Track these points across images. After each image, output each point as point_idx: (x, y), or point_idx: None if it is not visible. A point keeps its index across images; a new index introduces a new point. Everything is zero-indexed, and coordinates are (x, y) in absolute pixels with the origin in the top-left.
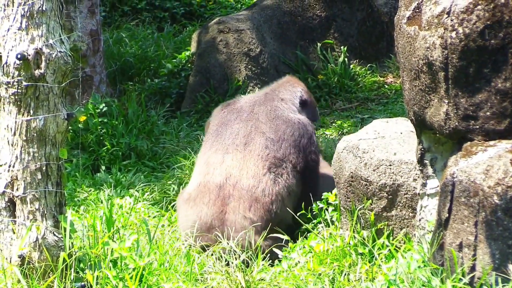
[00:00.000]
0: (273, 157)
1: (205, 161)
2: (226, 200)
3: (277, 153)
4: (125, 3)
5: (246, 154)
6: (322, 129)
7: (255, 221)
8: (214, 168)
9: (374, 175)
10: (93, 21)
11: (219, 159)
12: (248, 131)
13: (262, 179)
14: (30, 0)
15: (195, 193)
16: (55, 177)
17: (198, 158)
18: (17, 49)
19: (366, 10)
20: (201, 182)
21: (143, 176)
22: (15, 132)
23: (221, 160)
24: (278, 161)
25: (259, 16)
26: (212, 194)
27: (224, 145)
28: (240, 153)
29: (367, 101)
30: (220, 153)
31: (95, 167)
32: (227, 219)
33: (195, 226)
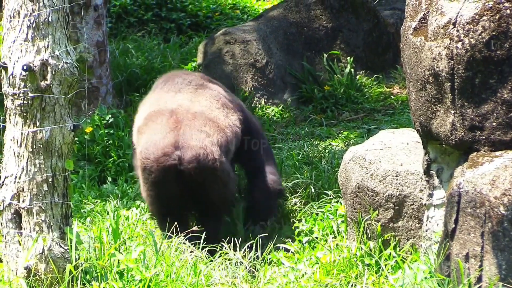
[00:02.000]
0: (225, 102)
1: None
2: (179, 119)
3: (229, 103)
4: (131, 14)
5: (198, 93)
6: (329, 140)
7: (210, 134)
8: (165, 101)
9: (381, 186)
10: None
11: (170, 96)
12: (200, 84)
13: (214, 110)
14: (36, 11)
15: (146, 120)
16: (61, 189)
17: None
18: (23, 60)
19: (372, 21)
20: (152, 111)
21: None
22: (21, 144)
23: (172, 96)
24: (229, 106)
25: (265, 27)
26: (165, 116)
27: (176, 87)
28: (191, 93)
29: (374, 111)
30: (171, 93)
31: (101, 179)
32: (183, 133)
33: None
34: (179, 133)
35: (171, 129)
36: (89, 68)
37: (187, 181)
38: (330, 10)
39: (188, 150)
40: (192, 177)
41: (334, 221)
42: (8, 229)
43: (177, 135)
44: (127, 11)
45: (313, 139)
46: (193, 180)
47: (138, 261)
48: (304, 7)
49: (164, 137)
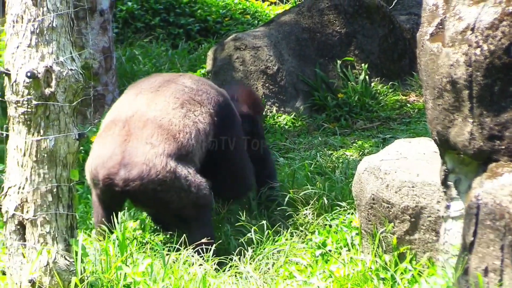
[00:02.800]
0: (189, 97)
1: (118, 103)
2: (131, 130)
3: (195, 97)
4: (138, 19)
5: (158, 93)
6: (343, 149)
7: (156, 145)
8: (123, 106)
9: (396, 197)
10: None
11: (130, 99)
12: (166, 80)
13: (170, 112)
14: (40, 16)
15: (102, 130)
16: (66, 199)
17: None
18: (27, 67)
19: (388, 27)
20: (109, 120)
21: None
22: (25, 153)
23: (132, 100)
24: (193, 102)
25: (276, 33)
26: (118, 127)
27: (138, 88)
28: (152, 93)
29: (389, 120)
30: (132, 95)
31: None
32: (129, 147)
33: (100, 161)
34: (126, 149)
35: (119, 144)
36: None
37: (138, 198)
38: (344, 15)
39: (133, 168)
40: (143, 194)
41: (348, 233)
42: (11, 241)
43: (124, 151)
44: (134, 16)
45: (326, 148)
46: (143, 195)
47: (146, 274)
48: (317, 12)
49: (111, 155)
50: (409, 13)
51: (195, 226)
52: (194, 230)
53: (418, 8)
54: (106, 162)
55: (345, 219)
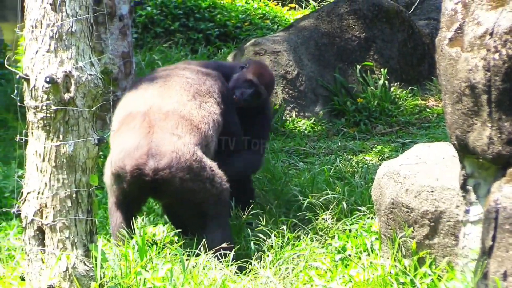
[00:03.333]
0: (196, 89)
1: (124, 102)
2: (152, 122)
3: (201, 87)
4: (158, 24)
5: (167, 87)
6: (362, 154)
7: (182, 136)
8: (134, 102)
9: (416, 201)
10: (124, 43)
11: (140, 95)
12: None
13: (186, 103)
14: (59, 21)
15: (119, 125)
16: (85, 205)
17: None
18: (46, 72)
19: (407, 31)
20: (124, 115)
21: None
22: (44, 158)
23: (141, 96)
24: (202, 92)
25: (296, 38)
26: (137, 120)
27: (144, 86)
28: (160, 88)
29: (408, 125)
30: (140, 93)
31: None
32: (155, 138)
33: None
34: (152, 139)
35: (144, 136)
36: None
37: (166, 188)
38: (363, 20)
39: (162, 157)
40: (171, 183)
41: (367, 238)
42: (30, 246)
43: (150, 141)
44: (154, 21)
45: (346, 153)
46: (172, 184)
47: (165, 280)
48: (336, 17)
49: (137, 147)
50: (428, 18)
51: (214, 224)
52: (213, 228)
53: (437, 13)
54: (133, 153)
55: (364, 223)
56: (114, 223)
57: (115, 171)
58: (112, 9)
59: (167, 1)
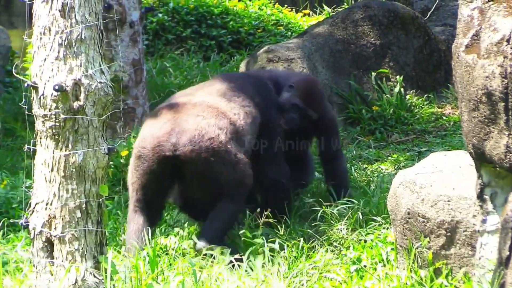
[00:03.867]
0: (227, 87)
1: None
2: (180, 110)
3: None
4: (169, 31)
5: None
6: (377, 163)
7: (207, 117)
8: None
9: (432, 211)
10: (135, 50)
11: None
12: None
13: (216, 98)
14: (68, 28)
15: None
16: (95, 215)
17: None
18: (55, 80)
19: (423, 38)
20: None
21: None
22: (52, 168)
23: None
24: (234, 90)
25: (310, 44)
26: (165, 110)
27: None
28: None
29: (425, 133)
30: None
31: None
32: (179, 119)
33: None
34: (176, 120)
35: (168, 120)
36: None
37: (187, 167)
38: (378, 26)
39: (183, 133)
40: (191, 160)
41: (383, 248)
42: (39, 258)
43: (174, 123)
44: (165, 27)
45: (361, 162)
46: (193, 163)
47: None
48: (351, 23)
49: (160, 127)
50: (444, 24)
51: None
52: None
53: (453, 19)
54: (155, 133)
55: (380, 234)
56: (131, 228)
57: (137, 153)
58: (123, 16)
59: (178, 7)
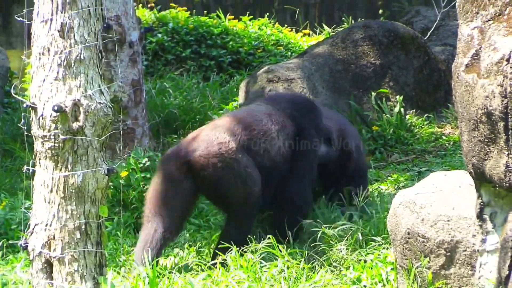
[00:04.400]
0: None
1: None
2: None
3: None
4: (169, 51)
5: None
6: (377, 183)
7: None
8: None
9: (432, 231)
10: (134, 71)
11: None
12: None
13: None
14: (67, 48)
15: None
16: (95, 237)
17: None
18: (54, 101)
19: (423, 58)
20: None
21: (188, 235)
22: (52, 189)
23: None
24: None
25: (310, 65)
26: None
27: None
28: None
29: (424, 153)
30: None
31: (137, 226)
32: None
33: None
34: (197, 133)
35: (192, 134)
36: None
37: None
38: (378, 46)
39: (198, 143)
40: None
41: (383, 268)
42: (38, 280)
43: (195, 136)
44: (164, 48)
45: None
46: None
47: None
48: (351, 43)
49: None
50: (444, 44)
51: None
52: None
53: (453, 38)
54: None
55: (380, 254)
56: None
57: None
58: (122, 36)
59: (178, 27)
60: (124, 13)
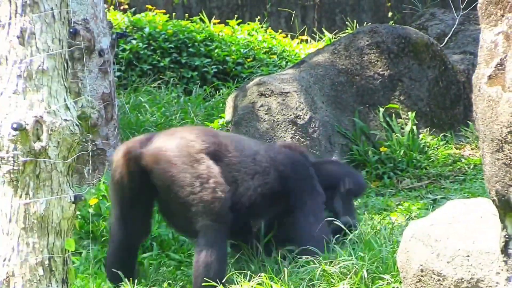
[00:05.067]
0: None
1: None
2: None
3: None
4: (145, 60)
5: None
6: (386, 212)
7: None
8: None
9: (449, 268)
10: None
11: None
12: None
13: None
14: (28, 57)
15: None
16: (60, 273)
17: None
18: (12, 117)
19: (439, 68)
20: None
21: (168, 272)
22: (11, 219)
23: None
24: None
25: (308, 76)
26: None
27: None
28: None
29: (440, 178)
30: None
31: None
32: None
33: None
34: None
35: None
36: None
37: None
38: (387, 55)
39: (152, 144)
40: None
41: None
42: None
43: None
44: (140, 56)
45: (367, 212)
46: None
47: None
48: (355, 51)
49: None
50: (464, 52)
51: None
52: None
53: (474, 45)
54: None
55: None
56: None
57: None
58: (91, 43)
59: (155, 32)
60: (93, 17)
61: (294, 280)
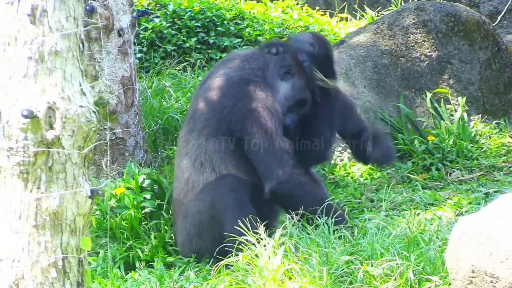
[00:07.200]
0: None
1: None
2: None
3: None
4: (169, 40)
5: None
6: (434, 207)
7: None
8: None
9: (503, 268)
10: (125, 65)
11: None
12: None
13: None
14: (40, 37)
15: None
16: (74, 276)
17: None
18: (23, 104)
19: (492, 49)
20: None
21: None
22: (20, 215)
23: None
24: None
25: (348, 57)
26: None
27: None
28: None
29: (493, 169)
30: None
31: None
32: None
33: None
34: None
35: None
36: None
37: None
38: (434, 34)
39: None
40: None
41: None
42: None
43: None
44: (163, 36)
45: (413, 207)
46: None
47: None
48: (400, 30)
49: None
50: None
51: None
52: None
53: None
54: None
55: None
56: None
57: None
58: (109, 21)
59: (180, 10)
60: None
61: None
